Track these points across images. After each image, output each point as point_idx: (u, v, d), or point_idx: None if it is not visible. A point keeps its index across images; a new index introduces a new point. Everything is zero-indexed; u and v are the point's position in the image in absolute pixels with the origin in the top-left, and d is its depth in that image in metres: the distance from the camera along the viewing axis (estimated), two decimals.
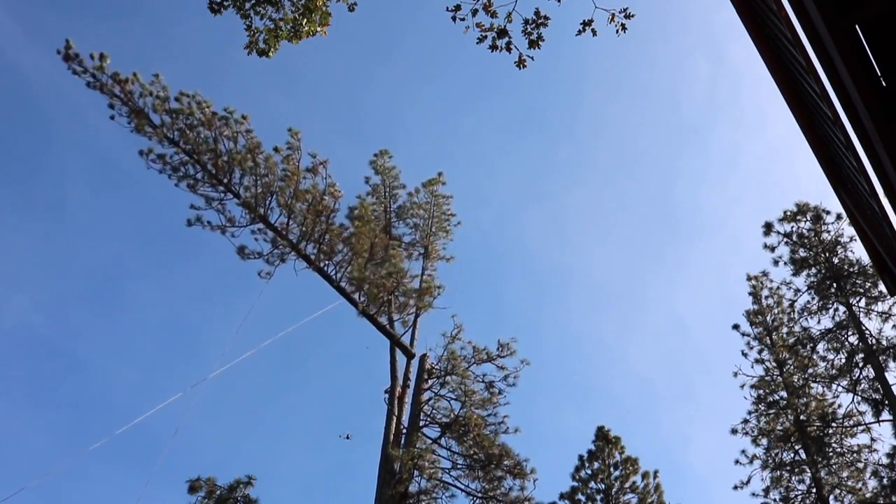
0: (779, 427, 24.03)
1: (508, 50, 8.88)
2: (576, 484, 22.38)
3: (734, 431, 24.44)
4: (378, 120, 57.91)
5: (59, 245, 48.17)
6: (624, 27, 9.05)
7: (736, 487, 23.57)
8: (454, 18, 8.71)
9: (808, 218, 25.68)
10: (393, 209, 25.25)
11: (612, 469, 22.44)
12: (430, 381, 20.29)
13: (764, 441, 24.05)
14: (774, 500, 23.16)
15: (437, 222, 26.09)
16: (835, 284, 24.05)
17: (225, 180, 18.96)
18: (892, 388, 21.36)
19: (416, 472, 17.32)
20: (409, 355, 20.52)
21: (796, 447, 23.47)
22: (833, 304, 24.26)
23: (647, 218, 63.21)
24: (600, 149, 63.31)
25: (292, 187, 18.95)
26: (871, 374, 22.33)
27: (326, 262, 19.53)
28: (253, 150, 19.13)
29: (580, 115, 63.19)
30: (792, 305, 25.55)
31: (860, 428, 22.91)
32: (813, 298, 24.87)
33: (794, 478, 23.35)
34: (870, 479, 22.32)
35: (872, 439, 22.69)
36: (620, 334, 60.34)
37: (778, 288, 26.28)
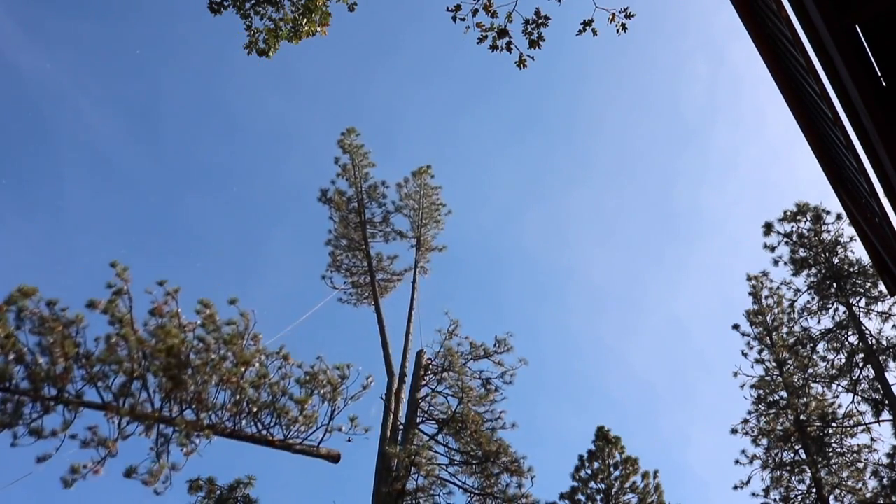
0: (779, 427, 24.03)
1: (509, 50, 8.89)
2: (576, 484, 22.37)
3: (734, 431, 24.48)
4: (378, 120, 57.85)
5: (59, 245, 48.15)
6: (624, 27, 9.07)
7: (736, 487, 23.62)
8: (454, 18, 8.73)
9: (808, 218, 25.69)
10: (364, 189, 24.73)
11: (612, 469, 22.42)
12: (426, 377, 20.29)
13: (764, 441, 24.06)
14: (774, 500, 23.18)
15: (428, 213, 25.73)
16: (835, 284, 24.06)
17: (55, 394, 11.71)
18: (892, 388, 21.37)
19: (413, 469, 17.28)
20: (336, 460, 14.31)
21: (796, 447, 23.47)
22: (833, 304, 24.27)
23: (647, 219, 63.22)
24: (600, 149, 63.32)
25: (143, 352, 11.96)
26: (871, 374, 22.34)
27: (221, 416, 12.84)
28: (71, 326, 12.00)
29: (580, 116, 63.19)
30: (792, 305, 25.56)
31: (860, 428, 22.93)
32: (813, 298, 24.89)
33: (794, 478, 23.35)
34: (870, 479, 22.35)
35: (872, 439, 22.73)
36: (620, 335, 60.34)
37: (778, 288, 26.30)
